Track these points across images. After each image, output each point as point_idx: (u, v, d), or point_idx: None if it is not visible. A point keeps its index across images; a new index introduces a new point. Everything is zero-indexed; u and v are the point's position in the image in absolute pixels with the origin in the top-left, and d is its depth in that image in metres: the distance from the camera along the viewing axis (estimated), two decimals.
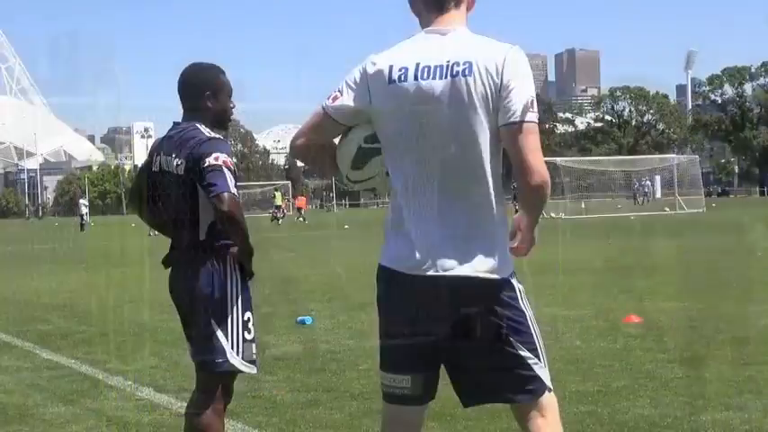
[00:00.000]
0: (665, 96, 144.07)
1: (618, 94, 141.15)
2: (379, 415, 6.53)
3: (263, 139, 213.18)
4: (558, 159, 72.38)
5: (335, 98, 3.67)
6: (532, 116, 3.49)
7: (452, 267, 3.49)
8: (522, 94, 3.48)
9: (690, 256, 20.03)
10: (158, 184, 4.79)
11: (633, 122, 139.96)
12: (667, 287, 13.82)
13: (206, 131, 4.65)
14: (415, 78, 3.53)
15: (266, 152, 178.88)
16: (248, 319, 4.71)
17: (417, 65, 3.55)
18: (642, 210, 58.87)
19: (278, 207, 63.47)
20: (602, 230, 33.77)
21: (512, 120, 3.47)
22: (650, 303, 11.95)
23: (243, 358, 4.67)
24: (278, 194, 66.58)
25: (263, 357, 7.60)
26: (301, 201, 70.98)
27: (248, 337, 4.70)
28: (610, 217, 48.54)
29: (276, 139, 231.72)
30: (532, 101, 3.49)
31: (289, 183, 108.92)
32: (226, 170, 4.51)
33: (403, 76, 3.55)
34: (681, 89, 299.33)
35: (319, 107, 3.73)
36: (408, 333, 3.59)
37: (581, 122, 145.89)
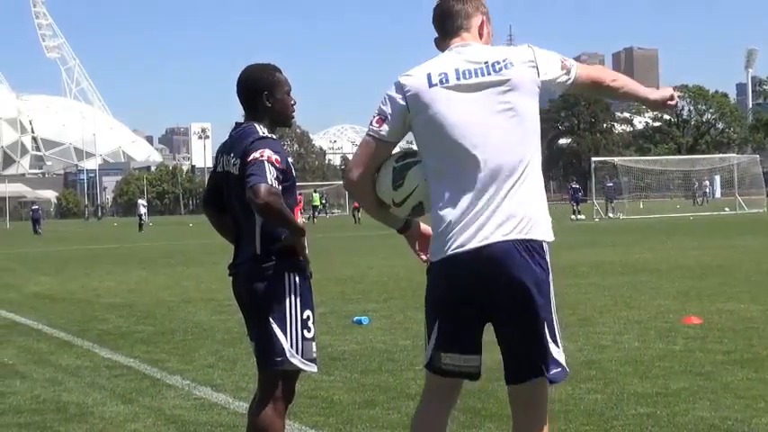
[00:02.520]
0: (725, 95, 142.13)
1: (676, 93, 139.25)
2: None
3: (319, 140, 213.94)
4: (617, 159, 71.94)
5: (379, 121, 3.85)
6: (573, 64, 3.93)
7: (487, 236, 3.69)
8: (555, 65, 3.86)
9: (750, 256, 19.77)
10: (222, 185, 4.80)
11: (692, 122, 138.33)
12: (728, 288, 13.67)
13: (261, 131, 4.63)
14: (458, 78, 3.76)
15: (322, 152, 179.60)
16: (308, 317, 4.67)
17: (457, 69, 3.78)
18: (701, 210, 58.34)
19: (315, 207, 63.64)
20: (660, 231, 33.48)
21: (568, 82, 3.91)
22: (710, 304, 11.82)
23: (303, 357, 4.65)
24: (315, 196, 66.81)
25: (320, 357, 7.60)
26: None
27: (308, 335, 4.67)
28: (668, 217, 48.12)
29: (332, 140, 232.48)
30: (563, 60, 3.90)
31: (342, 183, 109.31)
32: (267, 164, 4.44)
33: (444, 79, 3.77)
34: (741, 88, 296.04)
35: (366, 137, 3.91)
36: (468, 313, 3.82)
37: (639, 122, 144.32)
